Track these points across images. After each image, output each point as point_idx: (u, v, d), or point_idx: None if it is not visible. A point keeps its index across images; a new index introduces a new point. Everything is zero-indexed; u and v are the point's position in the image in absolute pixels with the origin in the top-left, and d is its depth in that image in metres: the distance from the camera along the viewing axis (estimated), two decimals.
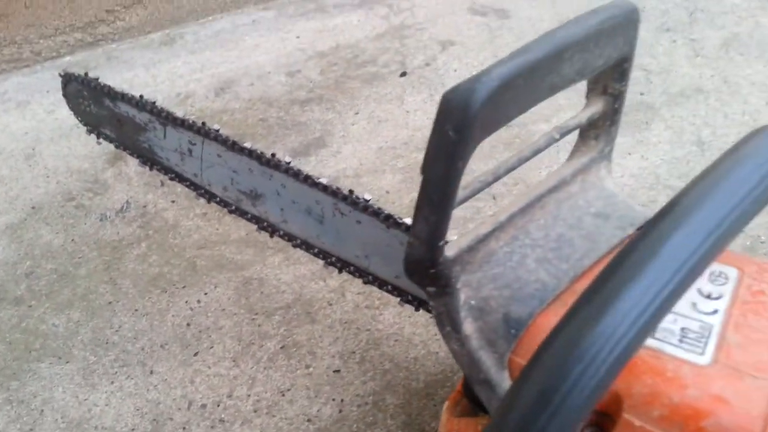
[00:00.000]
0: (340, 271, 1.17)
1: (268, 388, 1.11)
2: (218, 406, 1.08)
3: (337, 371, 1.14)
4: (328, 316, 1.24)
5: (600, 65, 0.64)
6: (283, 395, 1.10)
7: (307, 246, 1.23)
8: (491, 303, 0.65)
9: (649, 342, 0.60)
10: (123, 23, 2.37)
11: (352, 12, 2.47)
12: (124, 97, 1.37)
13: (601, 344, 0.45)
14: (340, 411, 1.07)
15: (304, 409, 1.07)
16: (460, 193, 0.60)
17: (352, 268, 1.16)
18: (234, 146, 1.19)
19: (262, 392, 1.10)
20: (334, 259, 1.17)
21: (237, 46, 2.28)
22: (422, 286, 0.64)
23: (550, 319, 0.64)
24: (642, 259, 0.47)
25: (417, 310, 1.03)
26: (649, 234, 0.48)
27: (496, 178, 0.63)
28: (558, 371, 0.46)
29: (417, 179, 0.55)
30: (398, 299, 1.04)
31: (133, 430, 1.05)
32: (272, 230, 1.26)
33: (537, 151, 0.66)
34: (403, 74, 2.02)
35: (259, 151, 1.17)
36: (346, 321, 1.22)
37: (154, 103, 1.31)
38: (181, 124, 1.27)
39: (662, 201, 1.50)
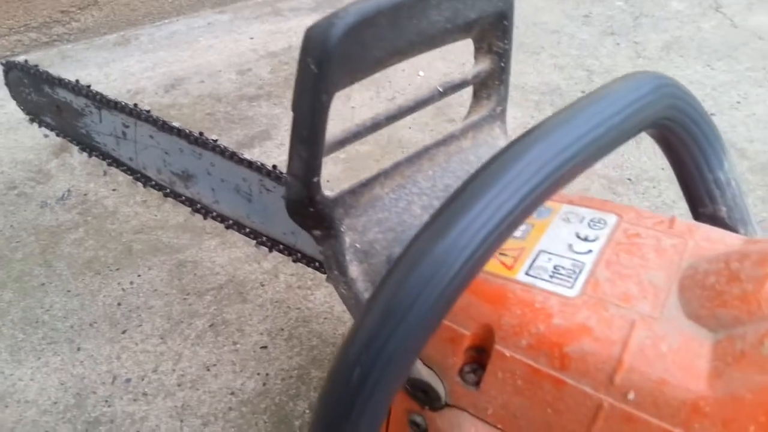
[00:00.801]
0: (270, 250, 1.17)
1: (194, 364, 1.10)
2: (143, 380, 1.07)
3: (264, 347, 1.13)
4: (259, 296, 1.23)
5: (474, 18, 0.65)
6: (209, 370, 1.09)
7: (239, 226, 1.23)
8: (376, 246, 0.65)
9: (522, 278, 0.61)
10: (78, 24, 2.36)
11: (306, 16, 2.49)
12: (62, 83, 1.36)
13: (440, 262, 0.46)
14: (264, 384, 1.06)
15: (228, 382, 1.07)
16: (338, 136, 0.61)
17: (281, 246, 1.16)
18: (164, 126, 1.19)
19: (188, 367, 1.09)
20: (264, 238, 1.17)
21: (191, 46, 2.28)
22: (307, 228, 0.64)
23: None
24: (482, 184, 0.48)
25: None
26: (493, 161, 0.50)
27: (375, 126, 0.64)
28: (400, 289, 0.47)
29: (358, 169, 0.56)
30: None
31: (55, 403, 1.03)
32: (205, 212, 1.26)
33: (420, 104, 0.67)
34: None
35: (187, 131, 1.17)
36: (277, 300, 1.22)
37: (89, 86, 1.31)
38: (115, 106, 1.26)
39: (594, 191, 1.53)
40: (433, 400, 0.64)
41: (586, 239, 0.65)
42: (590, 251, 0.63)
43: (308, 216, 0.62)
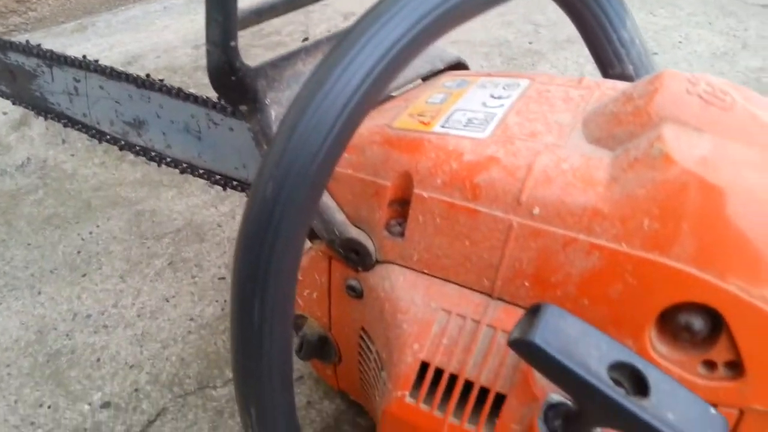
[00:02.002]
0: (224, 188, 1.18)
1: (153, 297, 1.10)
2: (103, 314, 1.07)
3: (222, 278, 1.14)
4: (216, 236, 1.24)
5: None
6: (168, 301, 1.09)
7: (192, 168, 1.24)
8: None
9: (437, 130, 0.63)
10: (35, 14, 2.34)
11: None
12: (12, 45, 1.36)
13: (329, 102, 0.47)
14: (223, 309, 1.07)
15: (188, 310, 1.07)
16: (254, 7, 0.62)
17: (234, 182, 1.17)
18: (113, 73, 1.19)
19: (147, 301, 1.10)
20: (218, 176, 1.18)
21: (147, 28, 2.28)
22: (232, 102, 0.66)
23: None
24: (362, 32, 0.48)
25: None
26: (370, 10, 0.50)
27: (293, 2, 0.65)
28: (292, 127, 0.47)
29: None
30: None
31: (17, 340, 1.03)
32: (159, 158, 1.26)
33: None
34: (305, 39, 2.05)
35: (134, 75, 1.17)
36: (234, 238, 1.22)
37: (39, 45, 1.31)
38: (65, 61, 1.27)
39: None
40: (365, 259, 0.65)
41: (499, 98, 0.67)
42: (502, 105, 0.65)
43: (232, 87, 0.63)
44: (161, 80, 1.14)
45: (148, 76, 1.16)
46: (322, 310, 0.77)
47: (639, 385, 0.45)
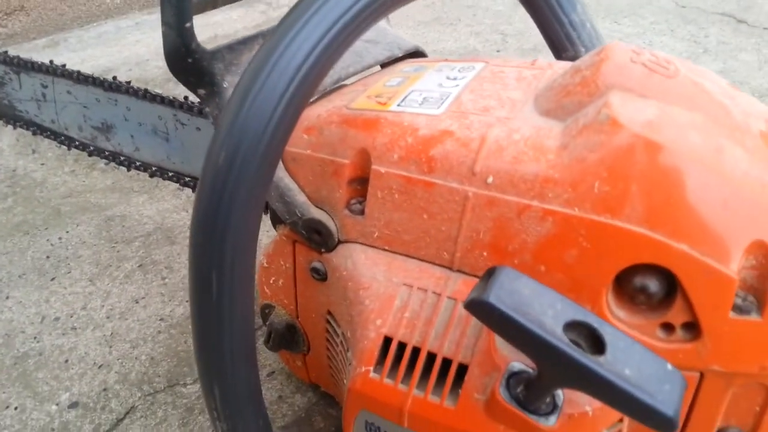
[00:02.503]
0: (194, 189, 1.17)
1: (123, 299, 1.09)
2: (71, 317, 1.05)
3: None
4: (187, 238, 1.23)
5: None
6: (137, 302, 1.08)
7: (161, 171, 1.23)
8: None
9: (393, 108, 0.63)
10: (5, 30, 2.32)
11: (232, 10, 2.51)
12: None
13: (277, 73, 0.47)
14: None
15: (158, 311, 1.06)
16: None
17: None
18: (80, 77, 1.19)
19: (116, 302, 1.08)
20: (187, 178, 1.18)
21: (119, 42, 2.27)
22: (190, 86, 0.65)
23: (314, 110, 0.67)
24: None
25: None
26: None
27: None
28: (244, 94, 0.48)
29: None
30: None
31: None
32: (129, 162, 1.26)
33: None
34: None
35: (101, 78, 1.17)
36: None
37: (6, 52, 1.30)
38: (32, 67, 1.26)
39: None
40: (327, 240, 0.65)
41: (455, 79, 0.67)
42: (457, 86, 0.66)
43: (188, 70, 0.63)
44: (128, 82, 1.14)
45: (115, 78, 1.16)
46: (288, 297, 0.76)
47: (595, 344, 0.45)
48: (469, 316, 0.57)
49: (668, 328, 0.53)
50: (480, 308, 0.45)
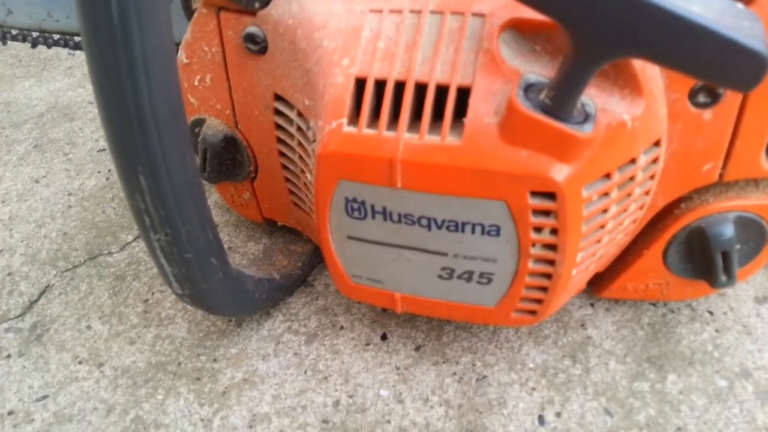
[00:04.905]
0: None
1: (19, 181, 0.90)
2: None
3: (102, 150, 0.94)
4: (89, 113, 1.04)
5: None
6: (38, 182, 0.89)
7: (44, 37, 1.02)
8: None
9: None
10: None
11: None
12: None
13: None
14: (108, 179, 0.88)
15: (64, 186, 0.87)
16: None
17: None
18: None
19: (12, 186, 0.89)
20: (79, 38, 0.98)
21: None
22: None
23: None
24: None
25: None
26: None
27: None
28: None
29: None
30: None
31: None
32: (2, 34, 1.04)
33: None
34: None
35: None
36: None
37: None
38: None
39: None
40: None
41: None
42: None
43: None
44: None
45: None
46: (221, 99, 0.60)
47: None
48: (464, 27, 0.44)
49: None
50: None
